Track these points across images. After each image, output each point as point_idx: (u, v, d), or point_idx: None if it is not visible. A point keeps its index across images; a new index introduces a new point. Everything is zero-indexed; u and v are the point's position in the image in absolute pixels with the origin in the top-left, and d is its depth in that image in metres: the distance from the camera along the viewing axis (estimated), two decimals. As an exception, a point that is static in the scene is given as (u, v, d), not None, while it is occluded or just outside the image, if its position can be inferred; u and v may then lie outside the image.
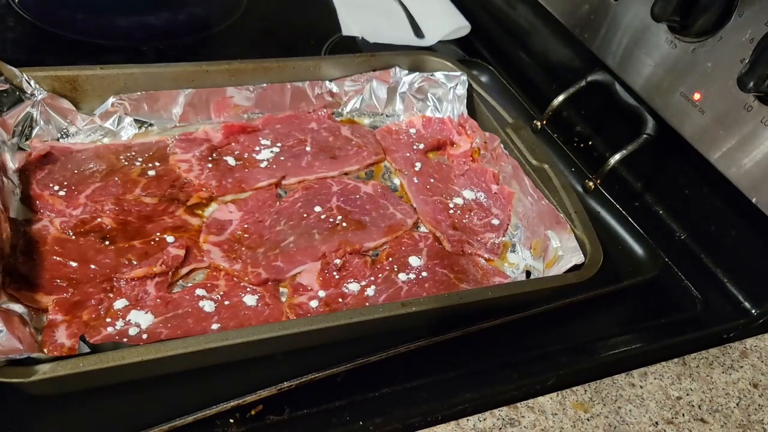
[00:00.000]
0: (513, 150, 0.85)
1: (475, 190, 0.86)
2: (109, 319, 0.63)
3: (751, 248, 0.78)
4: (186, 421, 0.56)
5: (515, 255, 0.79)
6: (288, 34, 1.10)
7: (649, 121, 0.84)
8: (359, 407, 0.61)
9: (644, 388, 0.66)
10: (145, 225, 0.73)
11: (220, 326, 0.64)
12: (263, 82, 0.88)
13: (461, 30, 1.16)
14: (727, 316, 0.77)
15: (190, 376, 0.59)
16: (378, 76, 0.93)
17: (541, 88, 1.05)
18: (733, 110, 0.72)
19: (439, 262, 0.75)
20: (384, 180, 0.87)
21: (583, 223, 0.74)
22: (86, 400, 0.57)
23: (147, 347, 0.55)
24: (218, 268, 0.70)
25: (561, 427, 0.61)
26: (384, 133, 0.92)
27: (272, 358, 0.63)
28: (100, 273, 0.67)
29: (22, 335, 0.57)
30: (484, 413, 0.61)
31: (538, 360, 0.68)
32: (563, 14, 0.96)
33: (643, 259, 0.80)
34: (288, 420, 0.59)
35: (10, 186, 0.72)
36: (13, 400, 0.56)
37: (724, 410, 0.65)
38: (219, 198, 0.78)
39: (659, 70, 0.80)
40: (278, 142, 0.87)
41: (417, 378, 0.64)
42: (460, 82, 0.94)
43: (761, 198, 0.71)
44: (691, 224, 0.85)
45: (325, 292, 0.70)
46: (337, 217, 0.78)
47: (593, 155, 0.96)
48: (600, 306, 0.75)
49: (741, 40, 0.70)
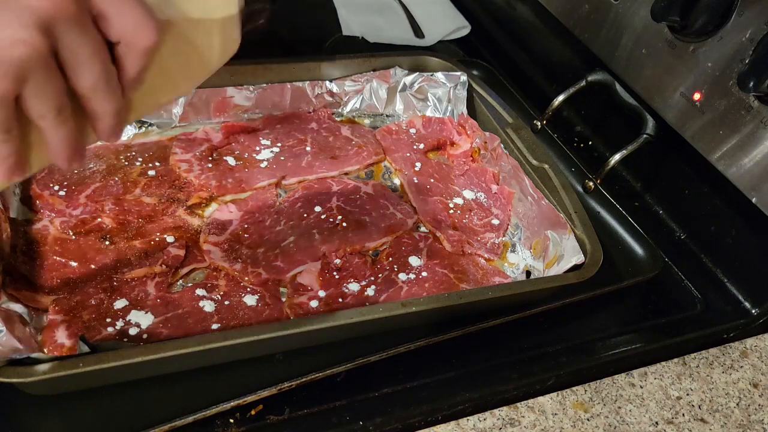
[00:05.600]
0: (513, 150, 0.85)
1: (475, 190, 0.86)
2: (109, 319, 0.63)
3: (751, 248, 0.77)
4: (186, 421, 0.56)
5: (515, 255, 0.79)
6: (288, 34, 1.10)
7: (649, 121, 0.84)
8: (359, 407, 0.61)
9: (644, 388, 0.66)
10: (145, 225, 0.73)
11: (220, 326, 0.64)
12: (263, 82, 0.88)
13: (461, 30, 1.16)
14: (727, 316, 0.77)
15: (190, 376, 0.59)
16: (378, 76, 0.93)
17: (541, 88, 1.05)
18: (733, 110, 0.72)
19: (439, 262, 0.75)
20: (384, 180, 0.87)
21: (583, 223, 0.74)
22: (86, 400, 0.57)
23: (147, 347, 0.55)
24: (218, 268, 0.70)
25: (561, 427, 0.61)
26: (384, 133, 0.92)
27: (272, 358, 0.63)
28: (100, 273, 0.67)
29: (22, 335, 0.57)
30: (484, 413, 0.61)
31: (538, 360, 0.68)
32: (563, 14, 0.95)
33: (643, 259, 0.80)
34: (288, 420, 0.59)
35: (10, 186, 0.72)
36: (13, 400, 0.56)
37: (724, 410, 0.65)
38: (219, 198, 0.78)
39: (659, 70, 0.80)
40: (278, 142, 0.87)
41: (417, 378, 0.64)
42: (460, 82, 0.94)
43: (761, 198, 0.71)
44: (691, 224, 0.85)
45: (325, 292, 0.70)
46: (337, 217, 0.78)
47: (593, 155, 0.96)
48: (600, 306, 0.75)
49: (741, 40, 0.70)
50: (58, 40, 0.37)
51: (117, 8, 0.38)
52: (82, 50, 0.38)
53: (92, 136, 0.43)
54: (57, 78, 0.38)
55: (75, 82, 0.39)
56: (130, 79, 0.41)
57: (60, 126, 0.39)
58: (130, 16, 0.39)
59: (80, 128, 0.41)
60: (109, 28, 0.39)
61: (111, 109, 0.41)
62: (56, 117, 0.39)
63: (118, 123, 0.42)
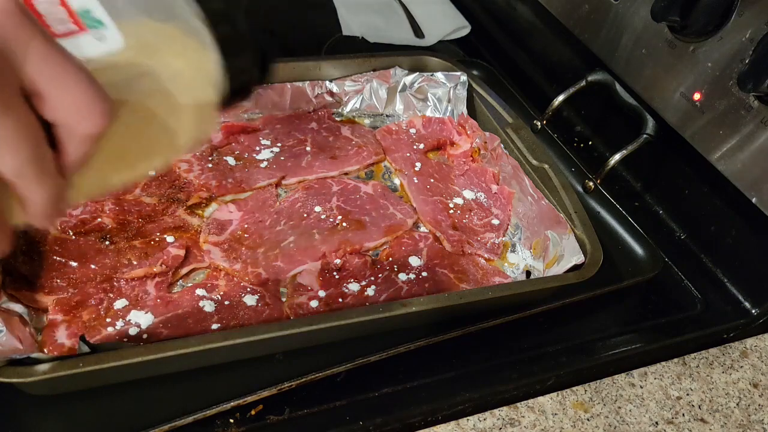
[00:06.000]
0: (513, 150, 0.85)
1: (475, 190, 0.86)
2: (109, 319, 0.63)
3: (751, 248, 0.77)
4: (186, 421, 0.56)
5: (515, 255, 0.79)
6: (288, 33, 1.10)
7: (649, 121, 0.84)
8: (359, 407, 0.61)
9: (644, 388, 0.66)
10: (145, 225, 0.73)
11: (220, 326, 0.64)
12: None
13: (461, 30, 1.16)
14: (727, 316, 0.77)
15: (190, 376, 0.59)
16: (378, 76, 0.93)
17: (541, 88, 1.05)
18: (733, 110, 0.72)
19: (439, 262, 0.75)
20: (384, 180, 0.87)
21: (583, 223, 0.74)
22: (86, 400, 0.57)
23: (147, 347, 0.55)
24: (218, 268, 0.70)
25: (561, 427, 0.61)
26: (384, 133, 0.92)
27: (272, 358, 0.63)
28: (100, 273, 0.67)
29: (22, 335, 0.57)
30: (484, 413, 0.61)
31: (538, 360, 0.68)
32: (563, 14, 0.96)
33: (643, 259, 0.80)
34: (288, 420, 0.59)
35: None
36: (13, 400, 0.56)
37: (724, 410, 0.65)
38: (219, 198, 0.78)
39: (659, 70, 0.80)
40: (278, 142, 0.87)
41: (417, 378, 0.64)
42: (460, 82, 0.94)
43: (761, 198, 0.71)
44: (691, 224, 0.85)
45: (325, 292, 0.70)
46: (337, 217, 0.78)
47: (593, 155, 0.96)
48: (600, 306, 0.75)
49: (741, 40, 0.70)
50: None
51: (55, 87, 0.32)
52: (4, 132, 0.31)
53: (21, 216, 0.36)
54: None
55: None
56: (72, 163, 0.35)
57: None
58: (72, 97, 0.32)
59: (7, 207, 0.35)
60: (44, 109, 0.33)
61: (42, 196, 0.34)
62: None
63: (53, 209, 0.35)
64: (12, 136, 0.31)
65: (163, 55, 0.38)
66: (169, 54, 0.38)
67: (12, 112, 0.31)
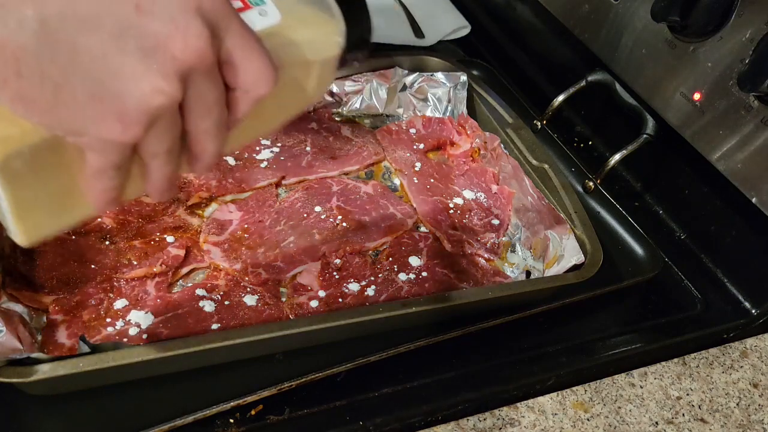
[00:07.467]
0: (513, 150, 0.85)
1: (475, 190, 0.86)
2: (109, 319, 0.63)
3: (751, 248, 0.78)
4: (186, 421, 0.56)
5: (515, 255, 0.79)
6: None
7: (649, 121, 0.84)
8: (359, 407, 0.61)
9: (644, 388, 0.66)
10: (145, 225, 0.73)
11: (220, 326, 0.64)
12: (263, 82, 0.88)
13: (461, 30, 1.15)
14: (727, 316, 0.77)
15: (190, 376, 0.59)
16: (378, 76, 0.93)
17: (541, 88, 1.05)
18: (733, 110, 0.72)
19: (439, 262, 0.75)
20: (384, 180, 0.87)
21: (583, 223, 0.74)
22: (86, 400, 0.57)
23: (147, 347, 0.55)
24: (218, 268, 0.70)
25: (561, 427, 0.61)
26: (384, 133, 0.92)
27: (272, 358, 0.63)
28: (100, 273, 0.67)
29: (22, 335, 0.57)
30: (484, 413, 0.61)
31: (538, 360, 0.68)
32: (563, 14, 0.96)
33: (643, 259, 0.80)
34: (288, 420, 0.59)
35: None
36: (13, 400, 0.56)
37: (724, 410, 0.65)
38: (219, 198, 0.78)
39: (659, 70, 0.80)
40: (278, 142, 0.87)
41: (417, 378, 0.64)
42: (460, 82, 0.94)
43: (761, 198, 0.71)
44: (691, 224, 0.85)
45: (325, 292, 0.70)
46: (337, 217, 0.78)
47: (593, 155, 0.96)
48: (600, 306, 0.75)
49: (741, 40, 0.70)
50: (189, 88, 0.36)
51: (246, 56, 0.38)
52: (209, 97, 0.37)
53: (184, 168, 0.42)
54: (178, 123, 0.38)
55: (192, 125, 0.38)
56: (234, 122, 0.40)
57: (166, 165, 0.39)
58: (255, 65, 0.38)
59: (179, 164, 0.41)
60: (234, 76, 0.38)
61: (213, 151, 0.40)
62: (166, 157, 0.39)
63: (214, 162, 0.42)
64: (214, 102, 0.38)
65: (299, 23, 0.44)
66: (303, 21, 0.44)
67: (216, 83, 0.37)
